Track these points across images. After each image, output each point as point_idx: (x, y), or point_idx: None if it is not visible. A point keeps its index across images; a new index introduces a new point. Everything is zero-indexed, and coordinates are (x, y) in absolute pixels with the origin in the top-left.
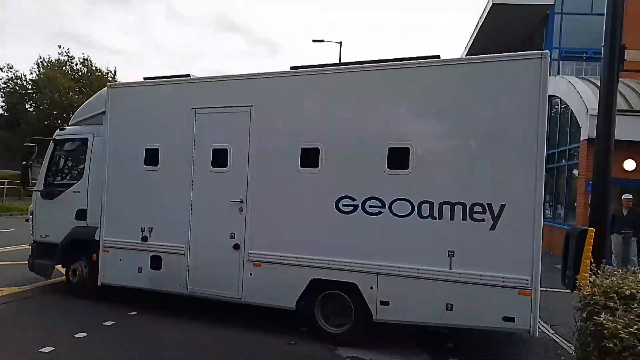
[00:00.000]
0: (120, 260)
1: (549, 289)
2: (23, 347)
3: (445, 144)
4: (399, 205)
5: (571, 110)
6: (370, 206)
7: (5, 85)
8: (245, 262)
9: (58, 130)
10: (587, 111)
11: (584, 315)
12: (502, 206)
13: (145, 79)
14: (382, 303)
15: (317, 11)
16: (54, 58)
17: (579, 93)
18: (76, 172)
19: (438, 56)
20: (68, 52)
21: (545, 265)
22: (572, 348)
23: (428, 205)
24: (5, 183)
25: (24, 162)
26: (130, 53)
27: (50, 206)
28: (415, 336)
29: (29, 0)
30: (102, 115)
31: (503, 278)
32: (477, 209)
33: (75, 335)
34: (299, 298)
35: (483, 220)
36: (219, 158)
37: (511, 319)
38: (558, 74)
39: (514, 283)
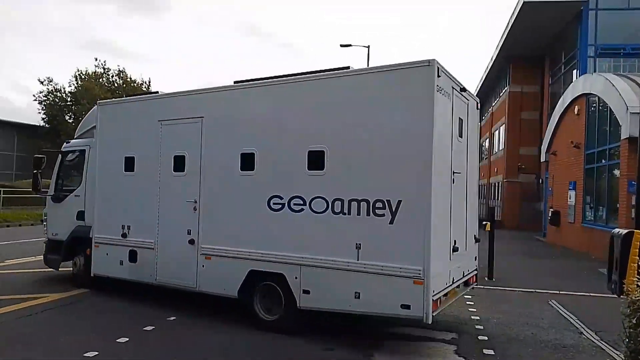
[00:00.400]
0: (107, 254)
1: (592, 294)
2: (68, 352)
3: (351, 147)
4: (317, 203)
5: (610, 108)
6: (294, 204)
7: (46, 98)
8: (199, 255)
9: (65, 143)
10: (627, 109)
11: (634, 321)
12: (399, 202)
13: (126, 96)
14: (304, 292)
15: (345, 15)
16: (90, 70)
17: (617, 90)
18: (77, 178)
19: (348, 67)
20: (104, 65)
21: (586, 269)
22: (622, 356)
23: (339, 202)
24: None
25: (35, 171)
26: (161, 61)
27: (59, 208)
28: (451, 341)
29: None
30: (94, 129)
31: (400, 268)
32: (379, 204)
33: (117, 340)
34: (240, 288)
35: (383, 215)
36: (179, 163)
37: (408, 307)
38: (594, 71)
39: (409, 273)
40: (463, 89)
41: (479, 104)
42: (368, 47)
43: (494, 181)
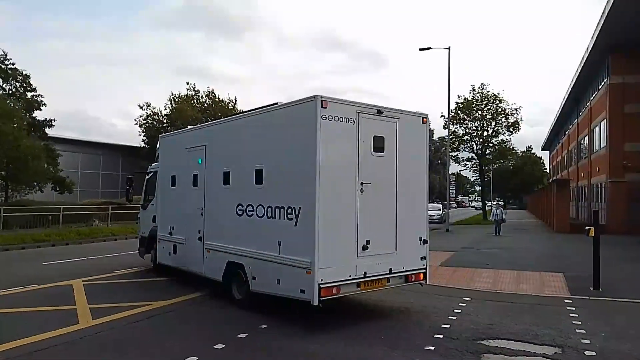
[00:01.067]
0: (163, 247)
1: None
2: (170, 356)
3: (276, 166)
4: (259, 209)
5: None
6: (248, 210)
7: (145, 121)
8: (204, 249)
9: (149, 167)
10: None
11: None
12: (300, 209)
13: (214, 117)
14: (253, 278)
15: (423, 17)
16: (183, 93)
17: None
18: (154, 192)
19: (276, 103)
20: (194, 87)
21: None
22: None
23: (270, 208)
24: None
25: (127, 187)
26: (245, 80)
27: (144, 214)
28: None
29: (157, 42)
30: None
31: (300, 261)
32: (290, 211)
33: (215, 347)
34: (223, 274)
35: (292, 219)
36: (195, 180)
37: (303, 292)
38: None
39: (303, 265)
40: (380, 112)
41: (424, 120)
42: (448, 48)
43: (596, 182)
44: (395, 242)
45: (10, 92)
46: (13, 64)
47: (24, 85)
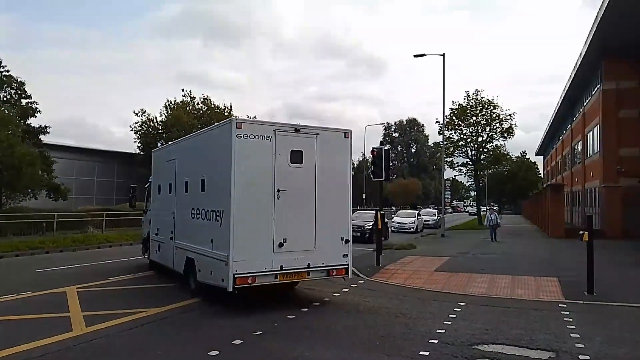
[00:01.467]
0: (153, 246)
1: None
2: None
3: (211, 176)
4: (203, 212)
5: None
6: (197, 213)
7: (140, 128)
8: (174, 247)
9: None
10: None
11: None
12: (222, 212)
13: (209, 122)
14: (199, 270)
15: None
16: (178, 100)
17: None
18: (151, 200)
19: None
20: (190, 94)
21: None
22: None
23: (207, 211)
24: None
25: (130, 195)
26: (242, 87)
27: (146, 218)
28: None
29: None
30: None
31: (222, 255)
32: (217, 213)
33: (209, 354)
34: (184, 268)
35: (218, 220)
36: (169, 188)
37: (224, 280)
38: None
39: (223, 258)
40: (297, 129)
41: (347, 134)
42: (443, 55)
43: (590, 187)
44: (314, 241)
45: (4, 99)
46: (8, 71)
47: (19, 92)
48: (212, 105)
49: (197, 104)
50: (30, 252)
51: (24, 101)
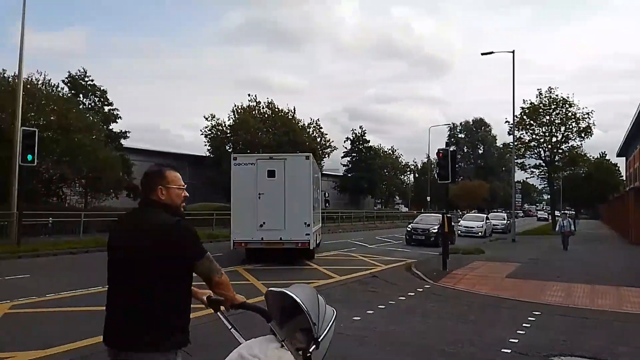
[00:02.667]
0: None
1: None
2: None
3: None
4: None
5: None
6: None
7: (210, 132)
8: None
9: None
10: None
11: None
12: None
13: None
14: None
15: (485, 21)
16: (245, 104)
17: None
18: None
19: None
20: (256, 98)
21: None
22: None
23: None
24: (214, 214)
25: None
26: (303, 91)
27: None
28: None
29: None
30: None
31: (233, 232)
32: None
33: None
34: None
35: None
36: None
37: (233, 245)
38: None
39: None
40: (271, 157)
41: (307, 157)
42: (512, 52)
43: None
44: (284, 223)
45: (89, 106)
46: (92, 80)
47: (102, 99)
48: (277, 109)
49: (262, 108)
50: None
51: (106, 108)
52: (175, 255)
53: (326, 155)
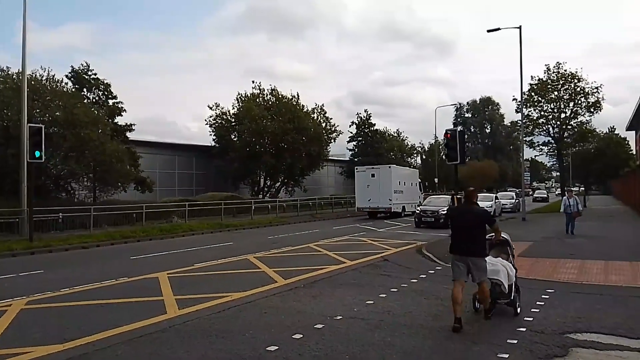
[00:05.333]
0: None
1: None
2: (253, 345)
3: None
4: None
5: None
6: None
7: (215, 121)
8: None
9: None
10: None
11: None
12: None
13: (356, 168)
14: None
15: None
16: (249, 92)
17: None
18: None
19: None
20: (260, 86)
21: None
22: None
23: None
24: (222, 203)
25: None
26: (308, 77)
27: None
28: None
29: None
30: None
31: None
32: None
33: (293, 336)
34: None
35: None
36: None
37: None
38: None
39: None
40: (372, 167)
41: (390, 167)
42: (519, 27)
43: None
44: (379, 199)
45: (94, 100)
46: (95, 74)
47: (106, 93)
48: (280, 96)
49: (266, 95)
50: (124, 241)
51: (110, 102)
52: (484, 221)
53: (332, 140)
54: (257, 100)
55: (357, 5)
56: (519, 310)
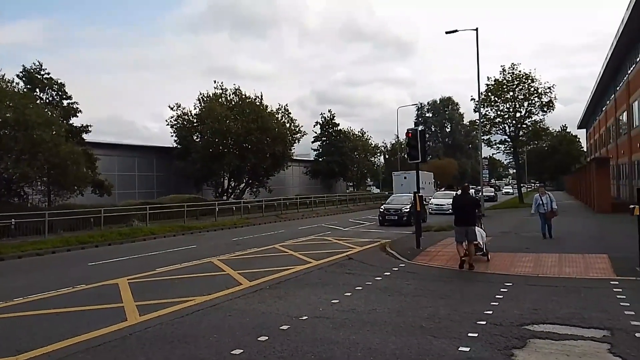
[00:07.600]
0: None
1: None
2: (216, 349)
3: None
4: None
5: None
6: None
7: (176, 122)
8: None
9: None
10: None
11: None
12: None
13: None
14: None
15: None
16: (211, 92)
17: None
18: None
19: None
20: (222, 85)
21: None
22: None
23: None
24: (185, 206)
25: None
26: (271, 77)
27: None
28: None
29: (185, 45)
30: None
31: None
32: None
33: (259, 339)
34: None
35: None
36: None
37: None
38: None
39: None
40: (404, 172)
41: (418, 170)
42: (476, 29)
43: (637, 159)
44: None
45: (47, 100)
46: (48, 74)
47: (60, 93)
48: (243, 96)
49: (229, 95)
50: (81, 247)
51: (65, 102)
52: (474, 204)
53: (296, 141)
54: (220, 100)
55: (318, 5)
56: (489, 257)
